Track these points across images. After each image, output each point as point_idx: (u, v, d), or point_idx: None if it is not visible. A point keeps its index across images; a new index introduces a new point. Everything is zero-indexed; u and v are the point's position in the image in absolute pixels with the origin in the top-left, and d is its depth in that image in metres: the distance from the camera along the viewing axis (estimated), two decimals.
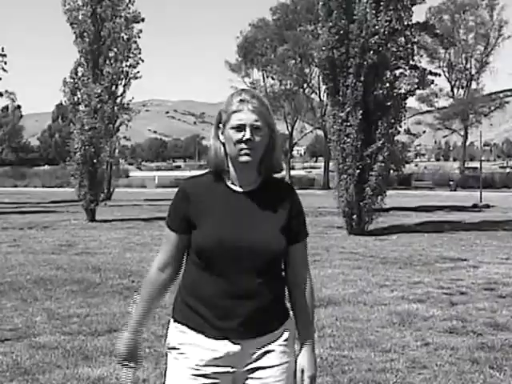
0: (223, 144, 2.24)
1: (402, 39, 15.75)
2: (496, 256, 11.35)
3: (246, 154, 2.18)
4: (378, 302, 7.33)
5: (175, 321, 2.29)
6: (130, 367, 2.34)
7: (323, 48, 15.30)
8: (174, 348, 2.27)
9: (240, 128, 2.18)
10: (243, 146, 2.18)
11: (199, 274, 2.22)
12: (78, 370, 4.85)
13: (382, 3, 15.09)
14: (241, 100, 2.21)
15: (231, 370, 2.21)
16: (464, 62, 57.48)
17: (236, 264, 2.16)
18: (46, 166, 77.55)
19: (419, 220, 19.38)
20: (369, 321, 6.43)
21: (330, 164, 36.54)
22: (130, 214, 22.00)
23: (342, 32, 15.08)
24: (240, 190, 2.25)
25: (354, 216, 15.32)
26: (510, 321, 6.40)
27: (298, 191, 2.41)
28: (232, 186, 2.25)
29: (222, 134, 2.23)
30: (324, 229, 16.50)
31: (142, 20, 21.97)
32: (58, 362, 5.05)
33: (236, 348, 2.20)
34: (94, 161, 19.45)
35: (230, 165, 2.25)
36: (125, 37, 20.91)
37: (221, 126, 2.24)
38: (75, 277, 8.90)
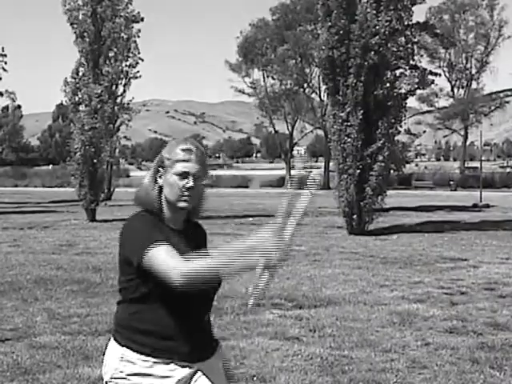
0: (160, 187, 2.35)
1: (403, 39, 15.76)
2: (496, 256, 11.35)
3: (186, 201, 2.32)
4: (378, 301, 7.34)
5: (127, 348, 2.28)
6: None
7: (323, 48, 15.31)
8: (122, 378, 2.26)
9: (183, 175, 2.30)
10: (185, 192, 2.31)
11: (152, 305, 2.26)
12: (78, 369, 4.85)
13: (382, 3, 15.10)
14: (187, 149, 2.31)
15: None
16: (464, 61, 57.46)
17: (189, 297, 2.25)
18: (50, 166, 77.41)
19: (419, 220, 19.38)
20: (369, 321, 6.43)
21: (331, 164, 36.52)
22: (130, 213, 21.81)
23: (341, 32, 15.08)
24: (174, 227, 2.38)
25: (355, 216, 15.32)
26: (510, 321, 6.40)
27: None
28: (169, 224, 2.37)
29: (161, 177, 2.35)
30: (324, 229, 16.50)
31: (142, 20, 21.98)
32: (58, 361, 5.05)
33: (187, 371, 2.28)
34: (95, 161, 19.45)
35: (165, 206, 2.37)
36: (124, 36, 20.92)
37: (161, 169, 2.35)
38: (75, 277, 8.90)
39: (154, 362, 2.24)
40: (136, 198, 2.44)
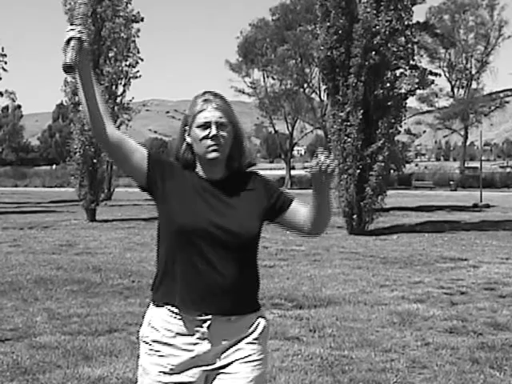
0: (189, 146, 2.31)
1: (403, 39, 15.75)
2: (496, 256, 11.35)
3: (214, 151, 2.26)
4: (379, 301, 7.34)
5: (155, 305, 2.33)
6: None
7: (321, 48, 15.31)
8: (146, 343, 2.32)
9: (205, 126, 2.26)
10: (210, 142, 2.25)
11: (174, 254, 2.28)
12: (78, 369, 4.85)
13: (382, 3, 15.10)
14: (204, 100, 2.29)
15: (205, 368, 2.26)
16: (464, 61, 57.39)
17: (211, 248, 2.23)
18: (54, 166, 77.16)
19: (419, 220, 19.38)
20: (369, 321, 6.43)
21: None
22: (130, 213, 21.99)
23: (340, 32, 15.08)
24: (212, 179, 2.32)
25: (355, 216, 15.32)
26: (510, 320, 6.40)
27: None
28: (201, 174, 2.32)
29: (189, 135, 2.31)
30: None
31: (142, 19, 21.95)
32: (58, 361, 5.05)
33: (207, 347, 2.24)
34: (94, 161, 19.43)
35: (198, 164, 2.32)
36: (124, 36, 20.89)
37: (187, 128, 2.31)
38: (75, 277, 8.90)
39: (177, 333, 2.25)
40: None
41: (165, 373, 2.25)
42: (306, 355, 5.24)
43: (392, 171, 19.83)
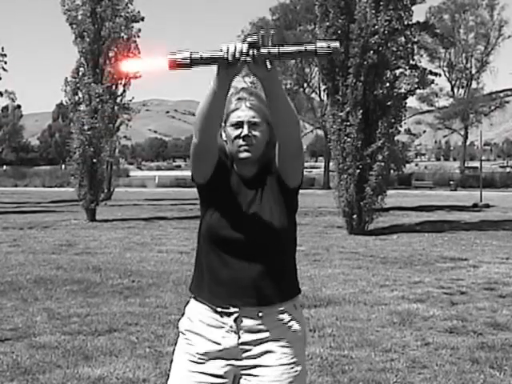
0: (226, 142, 2.29)
1: (402, 39, 15.75)
2: (496, 256, 11.35)
3: (246, 151, 2.23)
4: (378, 301, 7.33)
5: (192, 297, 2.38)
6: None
7: None
8: (181, 332, 2.37)
9: (238, 125, 2.23)
10: (241, 142, 2.23)
11: (204, 247, 2.31)
12: (78, 369, 4.85)
13: (381, 3, 15.08)
14: (239, 98, 2.25)
15: (233, 362, 2.25)
16: (464, 61, 57.45)
17: (237, 242, 2.25)
18: (63, 166, 76.94)
19: (419, 220, 19.37)
20: (369, 320, 6.43)
21: (330, 164, 36.51)
22: (130, 213, 21.98)
23: (339, 32, 15.08)
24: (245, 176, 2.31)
25: (354, 216, 15.31)
26: (510, 320, 6.40)
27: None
28: (236, 170, 2.32)
29: (225, 132, 2.28)
30: (324, 229, 16.50)
31: (142, 19, 21.92)
32: (58, 361, 5.05)
33: (234, 341, 2.23)
34: (94, 160, 19.44)
35: (235, 161, 2.30)
36: (124, 36, 20.87)
37: (223, 125, 2.28)
38: (75, 277, 8.89)
39: (208, 325, 2.27)
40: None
41: (193, 362, 2.26)
42: (306, 355, 5.23)
43: (392, 171, 19.80)
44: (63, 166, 69.24)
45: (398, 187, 40.94)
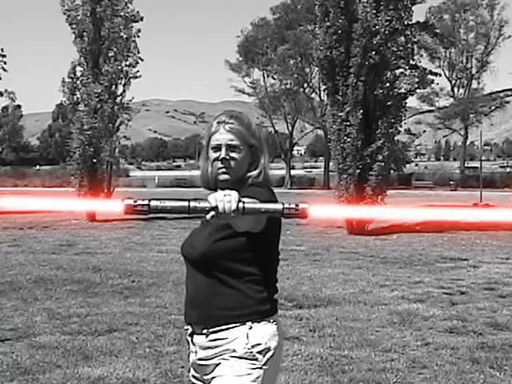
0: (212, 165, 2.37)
1: (403, 39, 15.75)
2: (496, 256, 11.35)
3: (224, 173, 2.31)
4: (379, 301, 7.33)
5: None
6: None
7: (320, 48, 15.30)
8: None
9: (217, 148, 2.31)
10: (220, 164, 2.31)
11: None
12: (78, 369, 4.85)
13: (382, 3, 15.09)
14: (218, 122, 2.32)
15: (199, 376, 2.37)
16: (464, 61, 57.35)
17: (190, 264, 2.40)
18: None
19: (419, 220, 19.34)
20: (369, 320, 6.43)
21: (330, 164, 36.48)
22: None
23: (340, 32, 15.08)
24: None
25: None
26: (510, 320, 6.40)
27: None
28: None
29: (207, 154, 2.37)
30: (324, 229, 16.49)
31: (141, 19, 21.91)
32: (58, 361, 5.05)
33: (193, 356, 2.37)
34: (94, 160, 19.43)
35: (218, 183, 2.37)
36: (124, 36, 20.86)
37: (206, 147, 2.38)
38: (75, 277, 8.89)
39: (189, 335, 2.40)
40: (200, 180, 2.45)
41: (190, 368, 2.43)
42: (306, 355, 5.23)
43: (392, 171, 19.78)
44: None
45: (398, 187, 40.89)
